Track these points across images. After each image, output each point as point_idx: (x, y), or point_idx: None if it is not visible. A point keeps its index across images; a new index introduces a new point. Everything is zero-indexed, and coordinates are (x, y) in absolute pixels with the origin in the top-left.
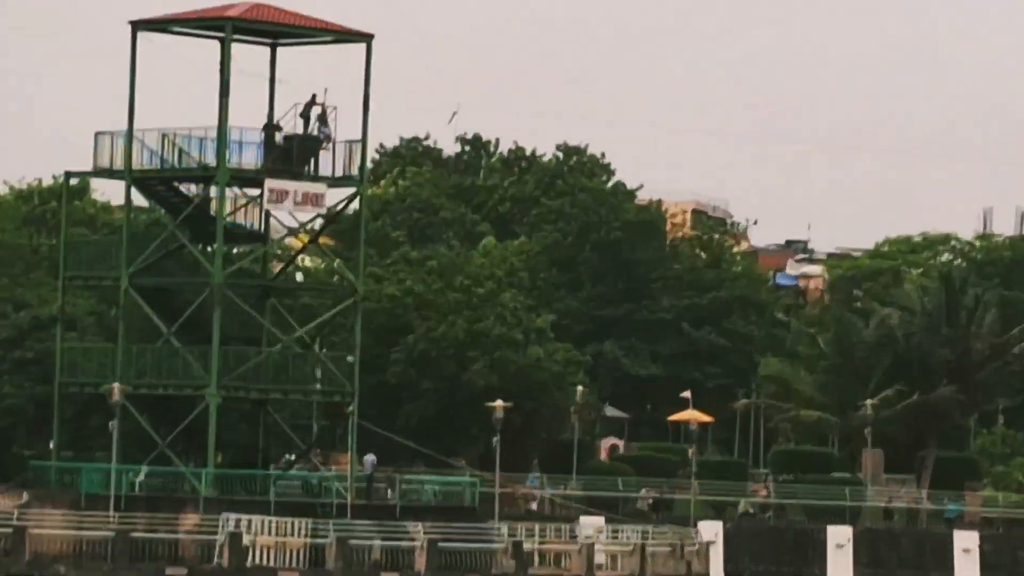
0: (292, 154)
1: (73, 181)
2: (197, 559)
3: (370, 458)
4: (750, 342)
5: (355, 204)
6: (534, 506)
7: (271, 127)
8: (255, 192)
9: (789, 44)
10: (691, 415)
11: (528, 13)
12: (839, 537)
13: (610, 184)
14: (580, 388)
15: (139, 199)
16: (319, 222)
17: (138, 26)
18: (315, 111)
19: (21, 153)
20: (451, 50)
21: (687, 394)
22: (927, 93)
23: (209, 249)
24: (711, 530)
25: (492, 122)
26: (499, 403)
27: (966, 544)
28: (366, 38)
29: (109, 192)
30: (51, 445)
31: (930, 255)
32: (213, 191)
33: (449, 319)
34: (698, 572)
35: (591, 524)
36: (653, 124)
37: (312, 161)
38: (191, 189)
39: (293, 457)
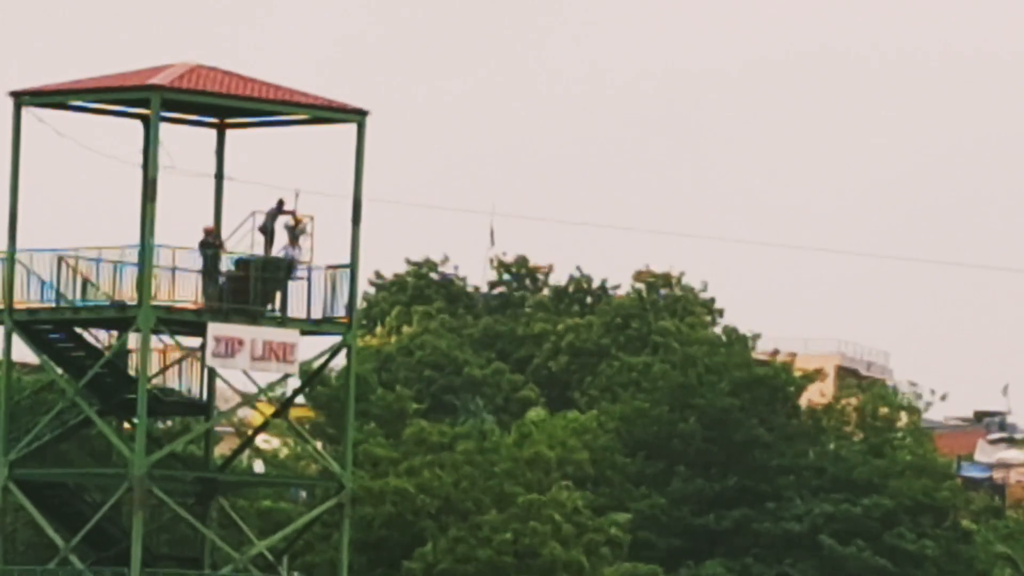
0: (248, 286)
1: None
2: None
3: None
4: (922, 564)
5: (341, 359)
6: None
7: (217, 246)
8: (194, 342)
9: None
10: None
11: (597, 93)
12: None
13: (717, 329)
14: None
15: (24, 352)
16: (289, 385)
17: (22, 99)
18: (283, 222)
19: None
20: (484, 138)
21: None
22: None
23: (127, 426)
24: None
25: (541, 241)
26: None
27: None
28: (357, 116)
29: None
30: None
31: None
32: (132, 340)
33: (481, 530)
34: None
35: None
36: (773, 244)
37: (278, 297)
38: (100, 338)
39: None
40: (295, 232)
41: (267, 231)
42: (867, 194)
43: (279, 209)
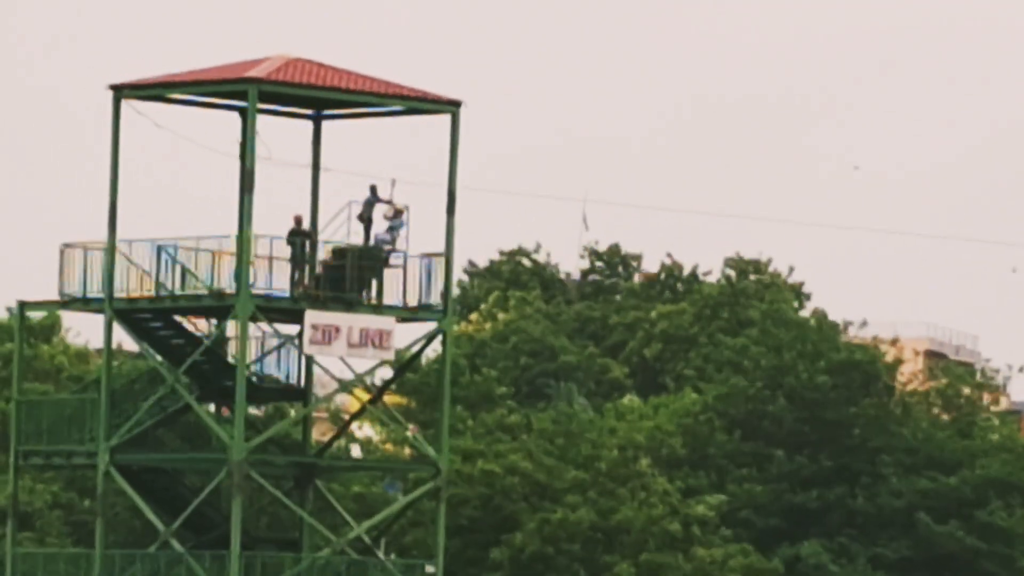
0: (344, 275)
1: (39, 315)
2: None
3: None
4: (1013, 543)
5: (436, 346)
6: None
7: (306, 235)
8: (291, 330)
9: None
10: None
11: (686, 80)
12: None
13: (806, 313)
14: None
15: (124, 340)
16: (385, 372)
17: (122, 92)
18: (380, 211)
19: None
20: (575, 126)
21: None
22: None
23: (225, 412)
24: None
25: (632, 228)
26: None
27: None
28: (451, 107)
29: (87, 332)
30: None
31: None
32: (230, 328)
33: (567, 502)
34: None
35: None
36: (861, 228)
37: (374, 285)
38: (199, 326)
39: None
40: (392, 221)
41: (365, 219)
42: (955, 176)
43: (374, 196)
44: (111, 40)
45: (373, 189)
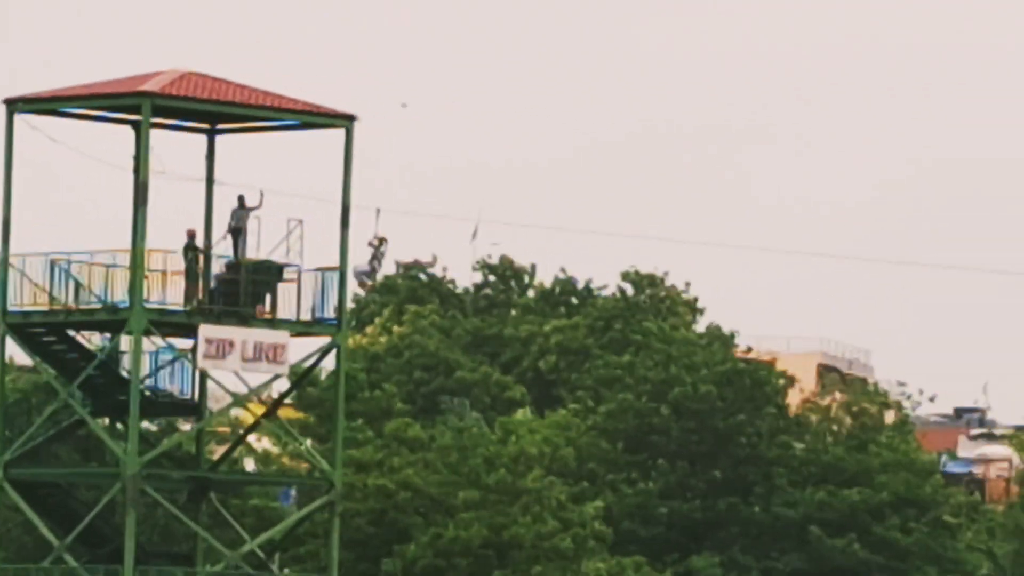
0: (239, 289)
1: None
2: None
3: None
4: (906, 557)
5: (331, 360)
6: None
7: (199, 249)
8: (185, 344)
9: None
10: None
11: (584, 99)
12: None
13: (699, 328)
14: None
15: (18, 354)
16: (279, 386)
17: (15, 106)
18: (366, 239)
19: None
20: (469, 138)
21: None
22: None
23: (119, 427)
24: None
25: (527, 243)
26: None
27: None
28: (345, 121)
29: None
30: None
31: None
32: (124, 342)
33: (460, 518)
34: None
35: None
36: (756, 247)
37: (268, 299)
38: (93, 340)
39: None
40: (377, 250)
41: (236, 231)
42: (847, 196)
43: (241, 206)
44: (4, 53)
45: (240, 199)
